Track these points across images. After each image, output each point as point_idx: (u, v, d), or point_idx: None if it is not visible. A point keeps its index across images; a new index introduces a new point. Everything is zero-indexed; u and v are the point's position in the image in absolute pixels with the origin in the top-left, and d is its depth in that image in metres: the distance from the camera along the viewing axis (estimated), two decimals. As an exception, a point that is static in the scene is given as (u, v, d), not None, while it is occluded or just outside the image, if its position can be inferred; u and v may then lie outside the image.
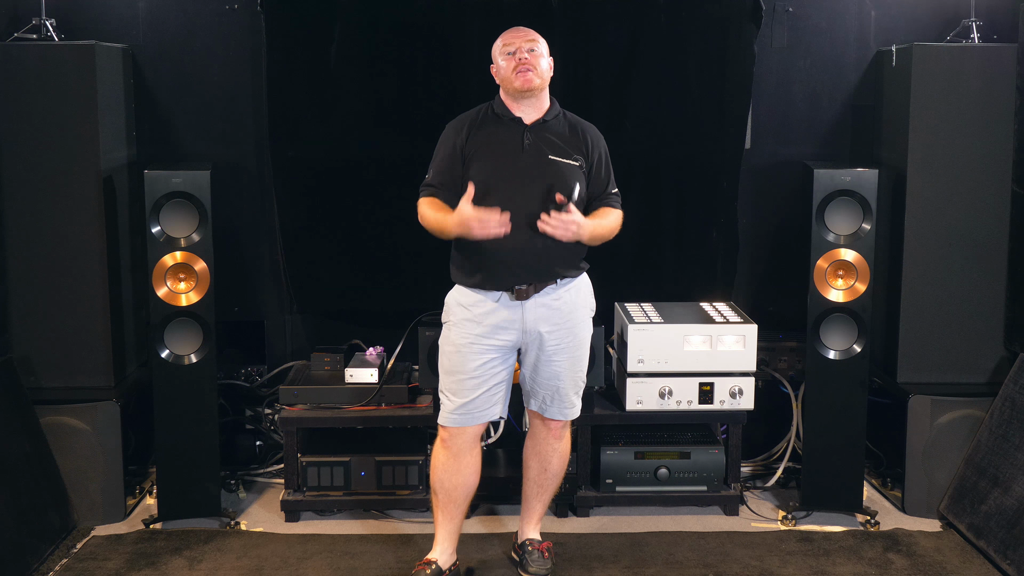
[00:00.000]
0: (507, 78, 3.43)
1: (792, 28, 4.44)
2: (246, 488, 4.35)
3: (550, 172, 3.39)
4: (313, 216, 4.37)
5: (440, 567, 3.54)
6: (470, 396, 3.46)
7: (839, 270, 3.96)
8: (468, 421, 3.48)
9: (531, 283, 3.40)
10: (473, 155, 3.41)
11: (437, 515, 3.59)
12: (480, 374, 3.44)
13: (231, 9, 4.35)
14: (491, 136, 3.44)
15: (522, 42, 3.43)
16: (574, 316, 3.49)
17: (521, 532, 3.74)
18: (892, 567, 3.71)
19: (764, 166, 4.51)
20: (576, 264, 3.50)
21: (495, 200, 3.33)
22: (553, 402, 3.55)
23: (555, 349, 3.48)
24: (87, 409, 3.97)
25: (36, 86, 3.91)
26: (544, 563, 3.61)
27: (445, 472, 3.53)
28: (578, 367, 3.55)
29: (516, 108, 3.46)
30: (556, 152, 3.43)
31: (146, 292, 3.90)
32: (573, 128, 3.52)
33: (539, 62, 3.42)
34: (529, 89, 3.40)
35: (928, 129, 4.06)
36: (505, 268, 3.38)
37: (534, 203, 3.35)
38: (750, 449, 4.49)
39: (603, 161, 3.54)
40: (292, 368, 4.44)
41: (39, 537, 3.74)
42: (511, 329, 3.43)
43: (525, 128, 3.44)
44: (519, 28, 3.49)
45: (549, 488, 3.70)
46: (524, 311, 3.42)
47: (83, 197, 3.97)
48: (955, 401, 4.08)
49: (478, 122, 3.47)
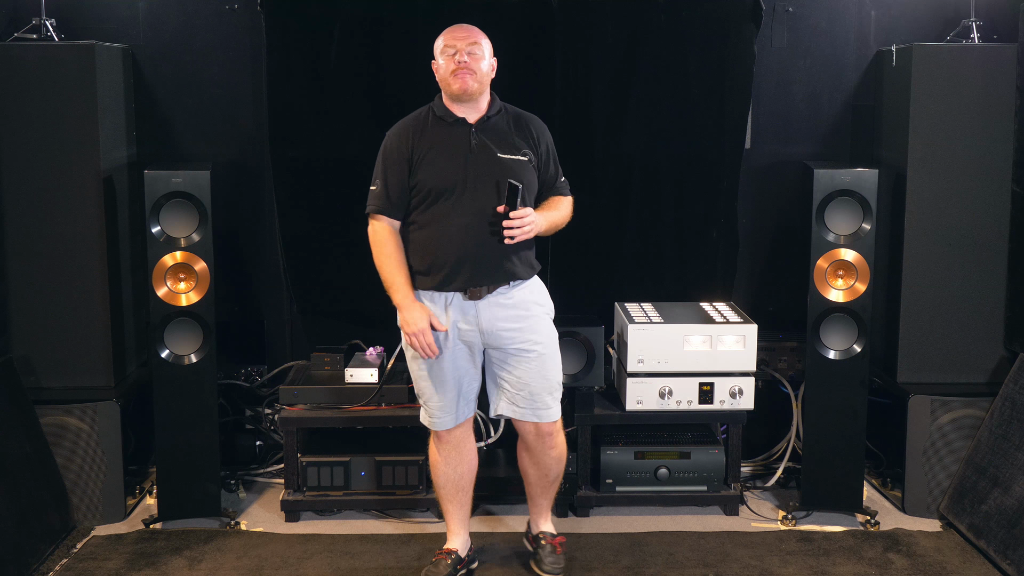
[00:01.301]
0: (445, 79, 3.39)
1: (792, 28, 4.44)
2: (246, 488, 4.35)
3: (500, 170, 3.37)
4: (313, 216, 4.37)
5: (459, 555, 3.61)
6: (447, 398, 3.49)
7: (839, 270, 3.96)
8: (452, 422, 3.54)
9: (485, 284, 3.39)
10: (421, 161, 3.38)
11: (446, 507, 3.65)
12: (452, 375, 3.47)
13: (231, 9, 4.36)
14: (436, 140, 3.40)
15: (463, 44, 3.37)
16: (531, 314, 3.47)
17: (534, 524, 3.76)
18: (892, 567, 3.71)
19: (764, 166, 4.51)
20: (529, 265, 3.49)
21: (447, 204, 3.33)
22: (526, 404, 3.51)
23: (518, 349, 3.46)
24: (87, 409, 3.97)
25: (36, 86, 3.92)
26: (558, 560, 3.62)
27: (447, 465, 3.59)
28: (546, 368, 3.50)
29: (458, 109, 3.42)
30: (504, 149, 3.41)
31: (146, 292, 3.90)
32: (518, 122, 3.50)
33: (479, 65, 3.37)
34: (466, 92, 3.37)
35: (928, 129, 4.06)
36: (460, 270, 3.37)
37: (486, 202, 3.35)
38: (750, 449, 4.49)
39: (550, 151, 3.55)
40: (292, 368, 4.44)
41: (39, 537, 3.74)
42: (468, 329, 3.43)
43: (471, 128, 3.41)
44: (461, 27, 3.44)
45: (553, 487, 3.71)
46: (478, 311, 3.41)
47: (83, 197, 3.98)
48: (955, 401, 4.08)
49: (420, 127, 3.43)
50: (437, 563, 3.58)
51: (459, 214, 3.35)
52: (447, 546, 3.65)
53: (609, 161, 4.35)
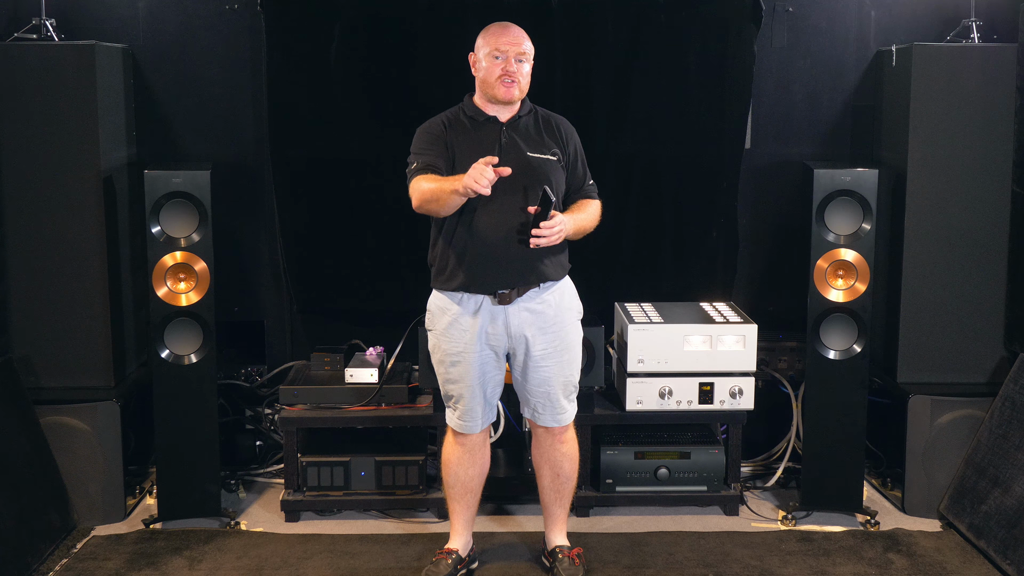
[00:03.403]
0: (490, 83, 3.39)
1: (792, 28, 4.44)
2: (246, 488, 4.35)
3: (530, 169, 3.37)
4: (313, 216, 4.37)
5: (460, 555, 3.62)
6: (475, 402, 3.49)
7: (839, 270, 3.96)
8: (474, 428, 3.54)
9: (514, 287, 3.38)
10: (454, 159, 3.39)
11: (453, 506, 3.65)
12: (478, 381, 3.46)
13: (231, 9, 4.36)
14: (467, 138, 3.41)
15: (512, 51, 3.38)
16: (560, 320, 3.46)
17: (549, 539, 3.71)
18: (892, 567, 3.71)
19: (764, 166, 4.51)
20: (560, 266, 3.48)
21: (476, 202, 3.32)
22: (545, 409, 3.52)
23: (543, 354, 3.45)
24: (87, 409, 3.97)
25: (36, 86, 3.91)
26: (575, 571, 3.59)
27: (460, 466, 3.60)
28: (568, 371, 3.51)
29: (490, 108, 3.43)
30: (533, 148, 3.42)
31: (146, 292, 3.90)
32: (547, 122, 3.50)
33: (523, 73, 3.39)
34: (510, 102, 3.39)
35: (928, 129, 4.06)
36: (487, 271, 3.36)
37: (515, 202, 3.34)
38: (750, 449, 4.49)
39: (579, 153, 3.55)
40: (292, 368, 4.44)
41: (39, 537, 3.74)
42: (496, 334, 3.42)
43: (501, 126, 3.42)
44: (510, 28, 3.42)
45: (566, 492, 3.68)
46: (508, 316, 3.40)
47: (83, 197, 3.97)
48: (955, 401, 4.08)
49: (452, 123, 3.44)
50: (438, 563, 3.58)
51: (488, 213, 3.33)
52: (448, 546, 3.65)
53: (609, 161, 4.35)
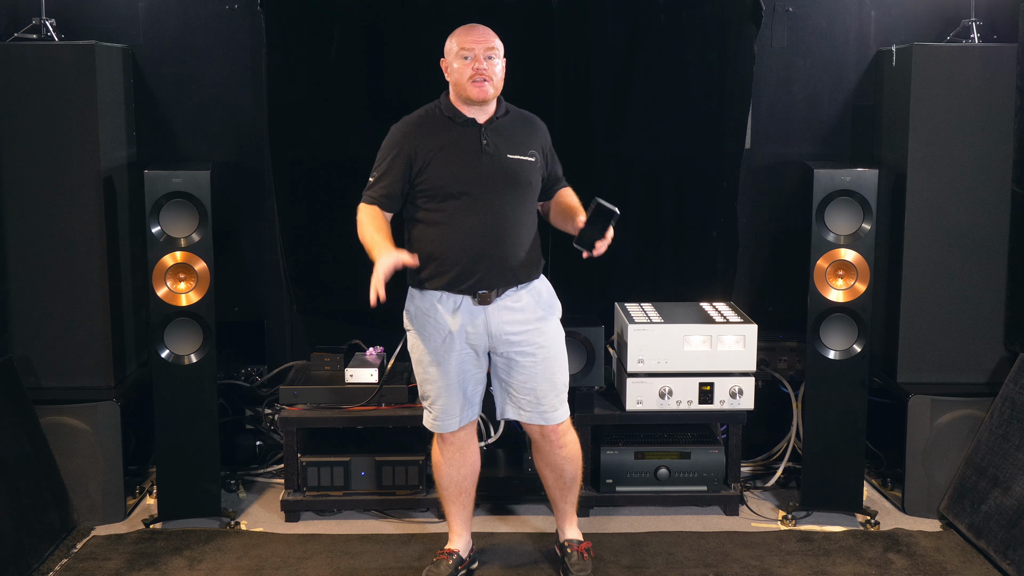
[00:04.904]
0: (461, 84, 3.37)
1: (792, 28, 4.44)
2: (246, 488, 4.35)
3: (511, 171, 3.38)
4: (313, 216, 4.37)
5: (461, 556, 3.62)
6: (452, 401, 3.48)
7: (839, 270, 3.96)
8: (456, 425, 3.53)
9: (494, 287, 3.38)
10: (430, 161, 3.36)
11: (448, 508, 3.65)
12: (457, 380, 3.46)
13: (231, 9, 4.36)
14: (446, 140, 3.38)
15: (481, 49, 3.35)
16: (538, 315, 3.46)
17: (560, 532, 3.74)
18: (892, 567, 3.71)
19: (764, 166, 4.51)
20: (536, 265, 3.49)
21: (457, 204, 3.32)
22: (531, 407, 3.50)
23: (523, 352, 3.45)
24: (87, 409, 3.97)
25: (36, 86, 3.91)
26: (584, 565, 3.60)
27: (450, 467, 3.59)
28: (553, 369, 3.50)
29: (467, 110, 3.41)
30: (514, 150, 3.41)
31: (146, 292, 3.90)
32: (524, 122, 3.50)
33: (495, 71, 3.37)
34: (485, 100, 3.37)
35: (928, 129, 4.06)
36: (468, 273, 3.36)
37: (497, 204, 3.34)
38: (750, 449, 4.49)
39: (551, 149, 3.57)
40: (292, 368, 4.44)
41: (39, 537, 3.74)
42: (476, 333, 3.42)
43: (481, 128, 3.40)
44: (476, 29, 3.41)
45: (572, 490, 3.68)
46: (487, 315, 3.40)
47: (83, 197, 3.97)
48: (955, 401, 4.08)
49: (428, 126, 3.41)
50: (438, 563, 3.58)
51: (470, 215, 3.33)
52: (448, 546, 3.65)
53: (609, 161, 4.35)
